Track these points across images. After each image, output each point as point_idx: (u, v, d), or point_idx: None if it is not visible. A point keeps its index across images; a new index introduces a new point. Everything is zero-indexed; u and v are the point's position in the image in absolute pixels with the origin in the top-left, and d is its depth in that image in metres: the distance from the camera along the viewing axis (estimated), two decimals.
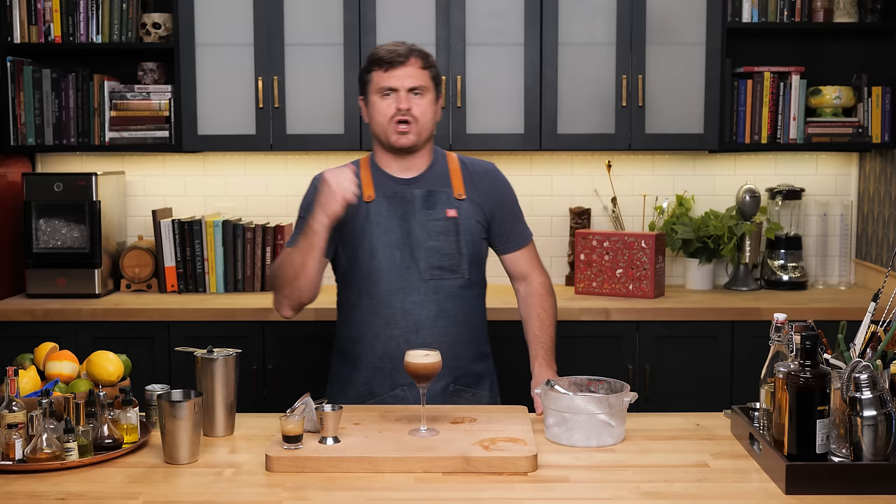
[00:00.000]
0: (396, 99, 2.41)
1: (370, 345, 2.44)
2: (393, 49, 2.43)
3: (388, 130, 2.43)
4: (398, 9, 3.59)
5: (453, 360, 2.43)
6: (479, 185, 2.52)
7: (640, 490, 1.81)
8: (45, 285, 3.61)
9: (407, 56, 2.42)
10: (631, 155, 3.95)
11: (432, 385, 2.41)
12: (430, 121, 2.45)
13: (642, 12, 3.60)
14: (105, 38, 3.68)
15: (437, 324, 2.43)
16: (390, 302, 2.41)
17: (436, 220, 2.44)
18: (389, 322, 2.42)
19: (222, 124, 3.65)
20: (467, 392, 2.48)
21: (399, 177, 2.48)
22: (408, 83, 2.41)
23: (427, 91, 2.44)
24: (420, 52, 2.45)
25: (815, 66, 3.84)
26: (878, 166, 3.80)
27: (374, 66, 2.44)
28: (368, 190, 2.46)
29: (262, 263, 3.76)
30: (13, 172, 3.76)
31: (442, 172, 2.51)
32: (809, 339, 1.80)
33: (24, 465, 1.89)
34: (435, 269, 2.43)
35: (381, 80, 2.42)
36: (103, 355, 2.20)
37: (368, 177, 2.48)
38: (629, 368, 3.44)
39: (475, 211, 2.48)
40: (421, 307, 2.42)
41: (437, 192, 2.46)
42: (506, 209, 2.55)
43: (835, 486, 1.76)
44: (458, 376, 2.47)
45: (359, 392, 2.47)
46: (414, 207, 2.44)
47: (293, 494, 1.80)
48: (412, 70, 2.41)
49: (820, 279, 3.92)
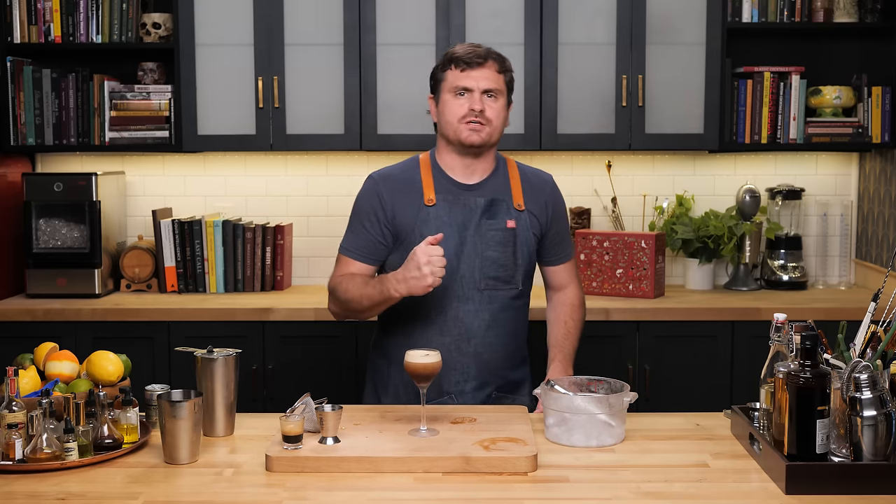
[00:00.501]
0: (470, 99, 2.38)
1: None
2: (472, 49, 2.41)
3: (458, 129, 2.39)
4: (398, 9, 3.59)
5: (497, 370, 2.44)
6: (538, 196, 2.50)
7: (640, 490, 1.81)
8: (45, 285, 3.61)
9: (485, 58, 2.40)
10: (631, 155, 3.95)
11: (479, 392, 2.41)
12: (501, 125, 2.43)
13: (642, 12, 3.60)
14: (105, 38, 3.68)
15: (489, 333, 2.42)
16: (444, 309, 2.40)
17: (496, 230, 2.42)
18: (442, 329, 2.41)
19: (222, 124, 3.65)
20: (507, 399, 2.48)
21: (461, 182, 2.45)
22: (483, 84, 2.39)
23: (501, 95, 2.42)
24: (498, 55, 2.43)
25: (815, 66, 3.84)
26: (878, 166, 3.80)
27: (451, 64, 2.41)
28: (429, 192, 2.42)
29: (262, 263, 3.76)
30: (13, 172, 3.76)
31: (503, 180, 2.48)
32: (809, 339, 1.80)
33: (24, 465, 1.89)
34: (490, 280, 2.41)
35: (457, 80, 2.39)
36: (103, 355, 2.20)
37: (430, 178, 2.45)
38: (629, 368, 3.44)
39: (532, 223, 2.47)
40: (474, 316, 2.41)
41: (499, 202, 2.44)
42: (559, 223, 2.54)
43: (835, 486, 1.76)
44: (500, 385, 2.47)
45: (409, 396, 2.44)
46: (475, 216, 2.42)
47: (293, 494, 1.80)
48: (489, 72, 2.39)
49: (820, 279, 3.92)
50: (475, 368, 2.42)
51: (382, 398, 2.50)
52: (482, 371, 2.43)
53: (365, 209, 2.45)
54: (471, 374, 2.42)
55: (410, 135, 3.59)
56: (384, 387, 2.51)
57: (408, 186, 2.44)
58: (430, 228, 2.38)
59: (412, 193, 2.43)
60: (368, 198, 2.45)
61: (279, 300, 3.57)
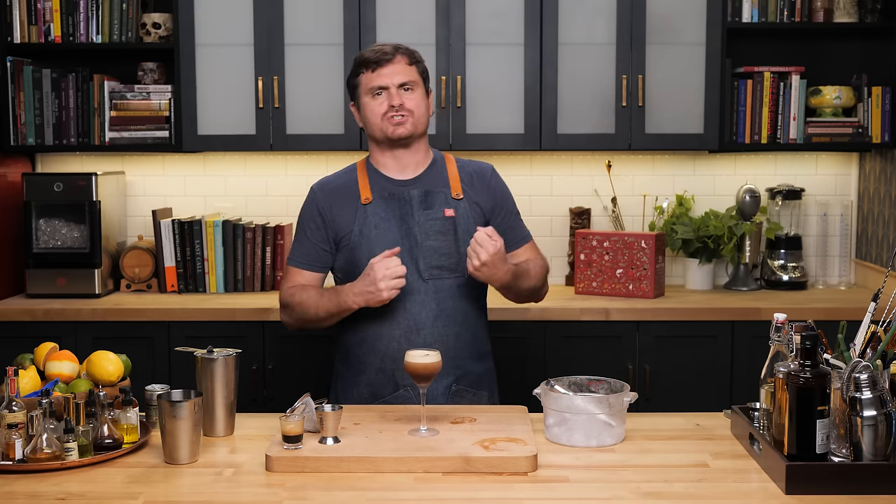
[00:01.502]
0: (388, 96, 2.43)
1: (372, 346, 2.44)
2: (378, 49, 2.45)
3: (383, 126, 2.44)
4: (398, 9, 3.59)
5: (454, 360, 2.43)
6: (477, 185, 2.52)
7: (640, 490, 1.81)
8: (45, 285, 3.61)
9: (393, 54, 2.44)
10: (631, 155, 3.95)
11: (434, 385, 2.41)
12: (424, 114, 2.47)
13: (642, 12, 3.60)
14: (105, 38, 3.68)
15: (438, 323, 2.43)
16: (391, 302, 2.41)
17: (434, 219, 2.45)
18: (390, 323, 2.43)
19: (222, 124, 3.65)
20: (469, 392, 2.48)
21: (396, 178, 2.49)
22: (397, 80, 2.43)
23: (417, 86, 2.46)
24: (405, 49, 2.47)
25: (815, 66, 3.83)
26: (878, 166, 3.80)
27: (362, 68, 2.46)
28: (365, 192, 2.47)
29: (262, 263, 3.76)
30: (13, 172, 3.76)
31: (439, 174, 2.51)
32: (809, 339, 1.80)
33: (24, 465, 1.89)
34: (434, 269, 2.43)
35: (371, 81, 2.44)
36: (103, 355, 2.20)
37: (365, 179, 2.49)
38: (629, 368, 3.44)
39: (473, 211, 2.49)
40: (421, 307, 2.42)
41: (435, 193, 2.47)
42: (503, 210, 2.55)
43: (835, 486, 1.76)
44: (459, 376, 2.47)
45: (362, 394, 2.47)
46: (412, 208, 2.45)
47: (293, 494, 1.80)
48: (400, 67, 2.44)
49: (820, 279, 3.92)
50: None
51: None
52: None
53: (306, 219, 2.51)
54: None
55: None
56: (345, 393, 2.50)
57: (345, 190, 2.49)
58: (369, 225, 2.43)
59: (349, 196, 2.48)
60: (308, 208, 2.52)
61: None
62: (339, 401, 2.49)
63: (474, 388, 2.50)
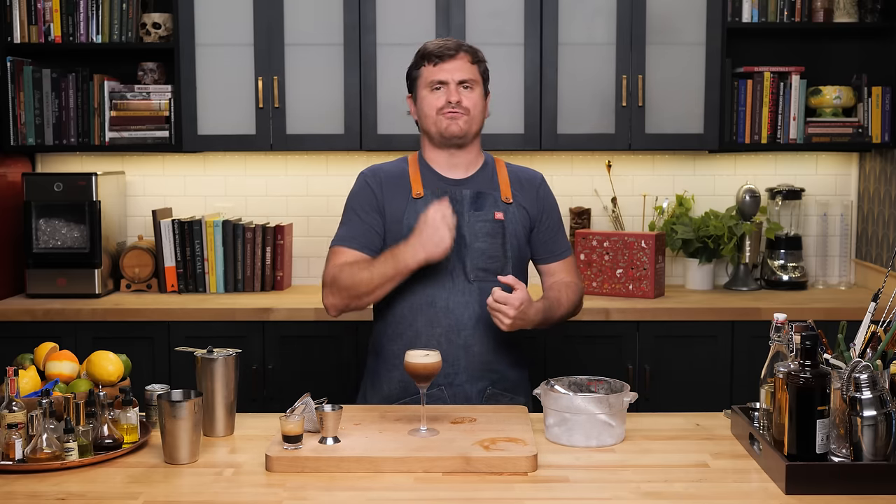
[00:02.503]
0: (447, 92, 2.41)
1: (411, 343, 2.38)
2: (443, 43, 2.44)
3: (437, 120, 2.42)
4: (398, 9, 3.59)
5: (490, 364, 2.42)
6: (527, 190, 2.51)
7: (640, 490, 1.81)
8: (45, 285, 3.61)
9: (457, 50, 2.42)
10: (631, 155, 3.95)
11: (471, 385, 2.40)
12: (480, 114, 2.45)
13: (642, 12, 3.60)
14: (105, 38, 3.68)
15: (480, 325, 2.40)
16: (434, 300, 2.39)
17: (483, 221, 2.42)
18: (432, 320, 2.40)
19: (222, 124, 3.65)
20: (505, 397, 2.46)
21: (448, 176, 2.47)
22: (458, 76, 2.41)
23: (476, 85, 2.44)
24: (470, 47, 2.46)
25: (815, 66, 3.84)
26: (878, 166, 3.80)
27: (424, 61, 2.44)
28: (417, 187, 2.44)
29: (262, 263, 3.76)
30: (13, 172, 3.76)
31: (490, 176, 2.49)
32: (809, 339, 1.80)
33: (24, 465, 1.89)
34: (480, 271, 2.41)
35: (431, 74, 2.42)
36: (103, 355, 2.20)
37: (417, 174, 2.46)
38: (629, 368, 3.44)
39: (521, 216, 2.47)
40: (464, 308, 2.40)
41: (486, 194, 2.45)
42: (550, 219, 2.53)
43: (835, 486, 1.76)
44: (495, 380, 2.45)
45: (393, 390, 2.44)
46: (462, 208, 2.42)
47: (293, 494, 1.80)
48: (462, 63, 2.42)
49: (820, 279, 3.92)
50: (465, 360, 2.41)
51: (370, 399, 2.49)
52: (472, 364, 2.41)
53: (359, 200, 2.46)
54: (460, 366, 2.41)
55: (410, 134, 3.58)
56: (376, 389, 2.50)
57: (397, 180, 2.46)
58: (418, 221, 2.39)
59: (401, 187, 2.45)
60: (361, 189, 2.47)
61: (279, 300, 3.57)
62: (367, 395, 2.48)
63: (511, 392, 2.47)
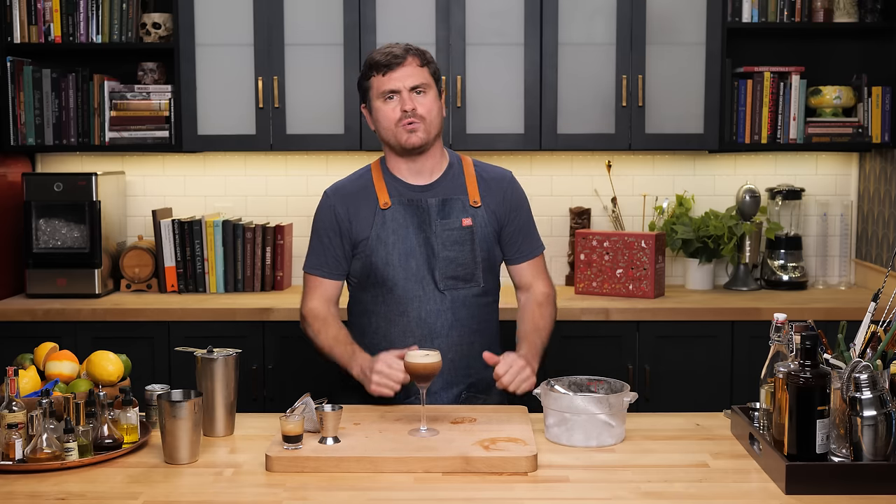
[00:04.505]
0: (400, 101, 2.38)
1: None
2: (389, 51, 2.40)
3: (396, 133, 2.40)
4: (398, 9, 3.59)
5: (467, 368, 2.43)
6: (494, 192, 2.49)
7: (640, 490, 1.81)
8: (45, 285, 3.61)
9: (404, 56, 2.39)
10: (631, 155, 3.95)
11: (446, 392, 2.41)
12: (437, 117, 2.42)
13: (642, 12, 3.60)
14: (105, 38, 3.68)
15: (453, 333, 2.41)
16: (406, 310, 2.40)
17: (451, 229, 2.42)
18: (405, 331, 2.41)
19: (222, 124, 3.65)
20: (479, 398, 2.46)
21: (413, 183, 2.46)
22: (409, 83, 2.38)
23: (429, 88, 2.41)
24: (416, 50, 2.43)
25: (815, 66, 3.83)
26: (878, 166, 3.80)
27: (373, 71, 2.41)
28: (384, 196, 2.43)
29: (262, 263, 3.76)
30: (13, 172, 3.76)
31: (456, 179, 2.48)
32: (809, 339, 1.80)
33: (24, 465, 1.89)
34: (450, 279, 2.41)
35: (382, 84, 2.40)
36: (103, 355, 2.20)
37: (382, 184, 2.46)
38: (629, 368, 3.44)
39: (490, 218, 2.47)
40: (437, 316, 2.40)
41: (453, 200, 2.44)
42: (518, 219, 2.52)
43: (835, 486, 1.76)
44: (471, 383, 2.45)
45: (370, 399, 2.42)
46: (430, 216, 2.42)
47: (293, 494, 1.80)
48: (411, 69, 2.39)
49: (820, 279, 3.92)
50: (440, 368, 2.41)
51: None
52: (449, 370, 2.40)
53: (322, 225, 2.47)
54: None
55: None
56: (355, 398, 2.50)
57: (362, 194, 2.46)
58: (387, 230, 2.40)
59: (367, 200, 2.45)
60: (324, 214, 2.48)
61: (279, 300, 3.57)
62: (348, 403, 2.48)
63: (485, 393, 2.47)
